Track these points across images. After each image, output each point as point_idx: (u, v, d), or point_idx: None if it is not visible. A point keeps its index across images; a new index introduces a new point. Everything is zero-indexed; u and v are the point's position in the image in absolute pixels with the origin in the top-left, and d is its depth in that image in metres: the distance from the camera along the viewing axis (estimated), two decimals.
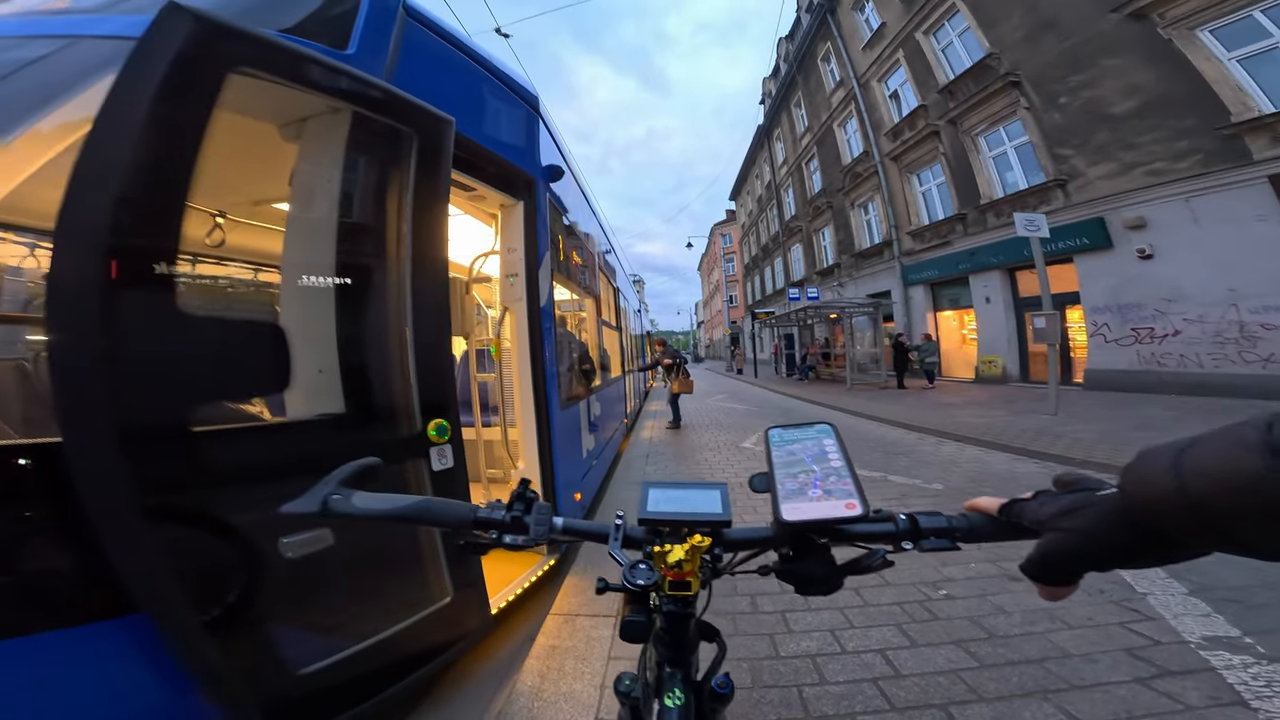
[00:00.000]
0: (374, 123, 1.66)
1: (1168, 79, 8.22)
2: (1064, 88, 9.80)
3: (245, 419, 1.73)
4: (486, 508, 0.65)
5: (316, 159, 1.66)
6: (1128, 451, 4.45)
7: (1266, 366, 7.39)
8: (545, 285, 2.87)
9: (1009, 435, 5.70)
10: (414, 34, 1.97)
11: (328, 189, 1.62)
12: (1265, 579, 2.29)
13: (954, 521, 0.55)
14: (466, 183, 2.44)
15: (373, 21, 1.76)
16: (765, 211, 29.79)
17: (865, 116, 16.05)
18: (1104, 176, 9.33)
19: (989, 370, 12.14)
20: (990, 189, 11.89)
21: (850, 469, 0.58)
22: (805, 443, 0.63)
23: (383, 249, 1.70)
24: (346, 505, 0.62)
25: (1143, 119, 8.62)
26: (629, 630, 0.57)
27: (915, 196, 14.58)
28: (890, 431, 7.00)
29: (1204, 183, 7.98)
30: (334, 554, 1.46)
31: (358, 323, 1.63)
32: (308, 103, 1.57)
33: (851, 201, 17.85)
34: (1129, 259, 9.03)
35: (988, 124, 11.71)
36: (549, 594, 2.61)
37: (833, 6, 17.32)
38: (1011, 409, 7.81)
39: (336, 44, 1.65)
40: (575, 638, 2.17)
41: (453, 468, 1.81)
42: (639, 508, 0.63)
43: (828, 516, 0.53)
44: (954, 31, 12.41)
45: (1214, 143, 7.75)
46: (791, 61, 21.78)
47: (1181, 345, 8.40)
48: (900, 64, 14.27)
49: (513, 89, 2.70)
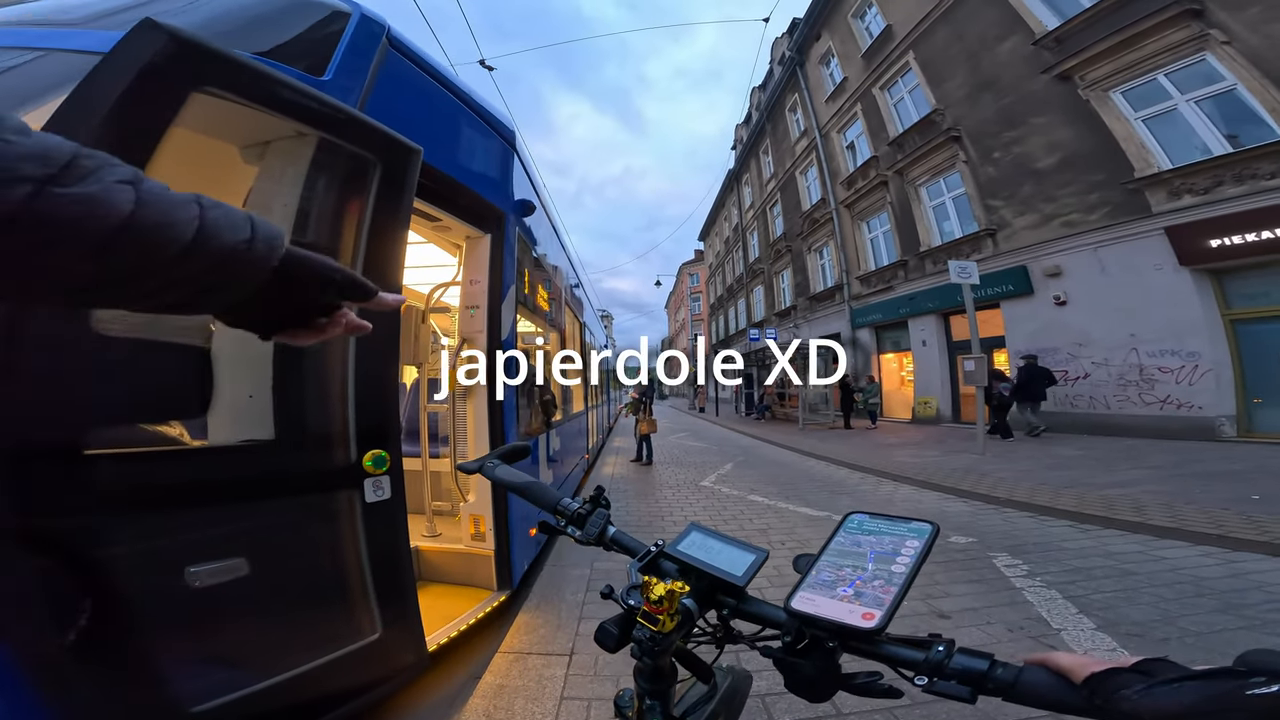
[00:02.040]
0: (338, 149, 1.68)
1: (1084, 136, 9.17)
2: (998, 143, 10.79)
3: (155, 441, 1.68)
4: (568, 500, 0.77)
5: (275, 180, 1.65)
6: (1045, 490, 4.91)
7: (1163, 408, 8.23)
8: (508, 318, 2.89)
9: (940, 475, 6.05)
10: (394, 64, 2.01)
11: (283, 211, 1.62)
12: (1167, 614, 2.50)
13: (1001, 673, 0.44)
14: (432, 213, 2.46)
15: (353, 50, 1.80)
16: (731, 253, 30.99)
17: (824, 165, 17.18)
18: (1027, 227, 10.32)
19: (924, 411, 12.87)
20: (929, 237, 12.93)
21: (908, 582, 0.51)
22: (884, 537, 0.58)
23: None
24: (493, 473, 0.82)
25: (1062, 173, 9.63)
26: (599, 635, 0.61)
27: (865, 243, 15.62)
28: (836, 471, 7.28)
29: (1110, 234, 8.89)
30: (247, 584, 1.41)
31: (297, 348, 1.61)
32: (273, 125, 1.59)
33: (809, 246, 18.90)
34: (1047, 305, 9.94)
35: (930, 175, 12.83)
36: (499, 630, 2.53)
37: (802, 60, 18.67)
38: (943, 448, 8.30)
39: (314, 70, 1.69)
40: (526, 677, 2.10)
41: (389, 499, 1.78)
42: (673, 542, 0.67)
43: (833, 618, 0.49)
44: (905, 88, 13.64)
45: (1120, 196, 8.66)
46: (762, 110, 23.15)
47: (1090, 388, 9.26)
48: (858, 117, 15.46)
49: (490, 123, 2.74)
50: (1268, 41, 7.07)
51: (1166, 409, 8.19)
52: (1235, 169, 7.39)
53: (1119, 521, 3.90)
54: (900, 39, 13.23)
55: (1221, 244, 7.53)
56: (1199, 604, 2.60)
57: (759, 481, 6.54)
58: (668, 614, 0.57)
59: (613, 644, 0.60)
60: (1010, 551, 3.45)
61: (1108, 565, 3.17)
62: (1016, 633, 2.42)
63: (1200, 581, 2.87)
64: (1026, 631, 2.41)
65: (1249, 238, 7.27)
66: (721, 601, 0.61)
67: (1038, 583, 2.93)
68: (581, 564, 3.45)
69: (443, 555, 2.96)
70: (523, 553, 3.09)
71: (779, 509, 5.02)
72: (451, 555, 2.94)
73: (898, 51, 13.40)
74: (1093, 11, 8.91)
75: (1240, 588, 2.76)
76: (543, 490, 0.79)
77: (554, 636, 2.47)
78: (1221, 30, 7.47)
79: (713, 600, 0.62)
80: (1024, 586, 2.89)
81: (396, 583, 1.82)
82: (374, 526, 1.72)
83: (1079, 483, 5.20)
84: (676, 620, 0.58)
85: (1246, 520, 3.62)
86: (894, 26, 13.49)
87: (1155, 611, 2.54)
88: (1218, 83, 7.66)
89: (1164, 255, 8.17)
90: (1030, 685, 0.43)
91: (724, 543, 0.65)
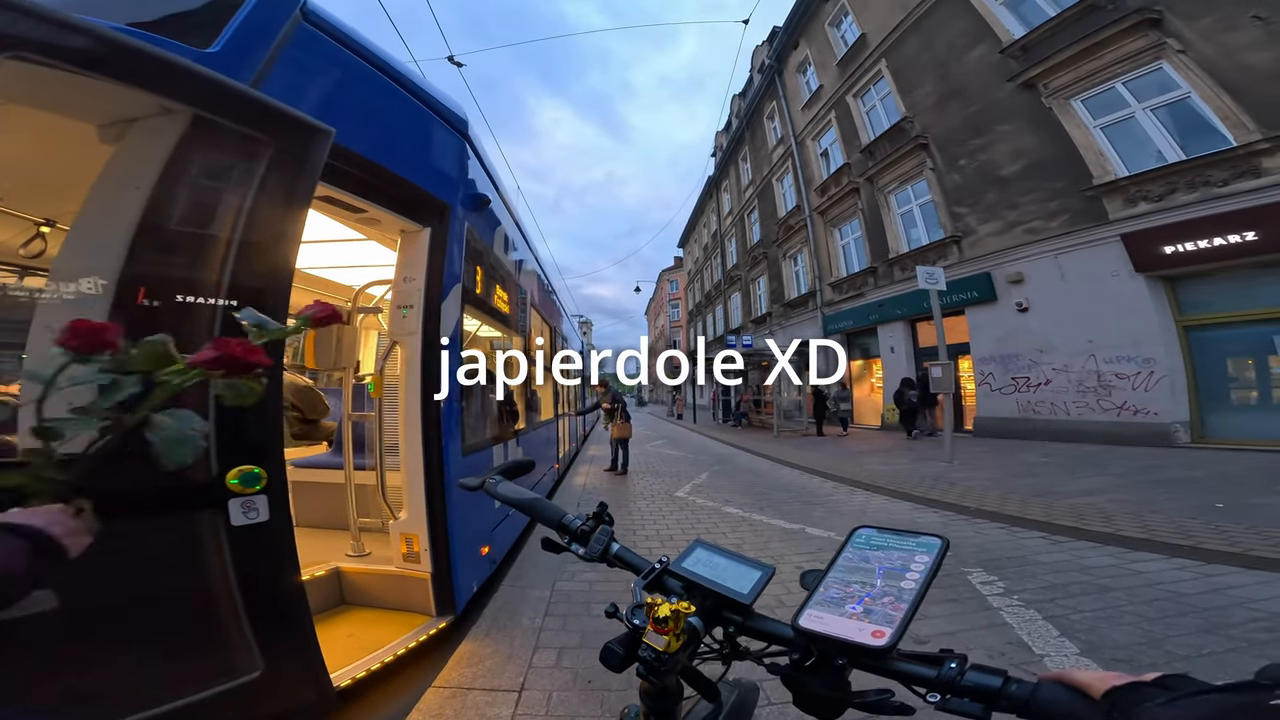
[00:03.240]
0: (217, 127, 1.45)
1: (1046, 144, 9.32)
2: (964, 150, 10.96)
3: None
4: (572, 517, 0.77)
5: (131, 161, 1.41)
6: (1014, 500, 4.84)
7: (1120, 414, 8.42)
8: (450, 319, 2.62)
9: (911, 484, 6.00)
10: (308, 39, 1.88)
11: (135, 195, 1.35)
12: (1151, 636, 2.38)
13: (1015, 689, 0.43)
14: (353, 203, 2.19)
15: (253, 22, 1.67)
16: (710, 260, 31.09)
17: (800, 172, 17.34)
18: (992, 234, 10.51)
19: (893, 418, 12.92)
20: (898, 244, 13.12)
21: (919, 598, 0.51)
22: (892, 552, 0.57)
23: (199, 264, 1.44)
24: (495, 489, 0.85)
25: (1024, 180, 9.82)
26: (604, 655, 0.59)
27: (837, 249, 15.79)
28: (810, 480, 7.17)
29: (1070, 240, 9.05)
30: (62, 618, 1.11)
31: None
32: (136, 101, 1.38)
33: (784, 253, 19.05)
34: (1010, 311, 10.11)
35: (899, 182, 13.02)
36: (435, 661, 2.25)
37: (780, 68, 18.85)
38: (912, 456, 8.31)
39: (201, 42, 1.53)
40: (464, 715, 1.85)
41: (266, 522, 1.53)
42: (677, 559, 0.67)
43: (842, 636, 0.49)
44: (878, 96, 13.86)
45: (1080, 203, 8.81)
46: (742, 118, 23.31)
47: (1051, 394, 9.43)
48: (832, 124, 15.65)
49: (434, 110, 2.56)
50: (1221, 50, 7.29)
51: (1124, 415, 8.37)
52: (1188, 176, 7.62)
53: (1090, 533, 3.85)
54: (874, 47, 13.44)
55: (1175, 250, 7.75)
56: (1182, 624, 2.50)
57: (734, 492, 6.38)
58: (673, 634, 0.56)
59: (618, 664, 0.59)
60: (985, 566, 3.35)
61: (1084, 581, 3.08)
62: (998, 660, 2.25)
63: (1180, 598, 2.79)
64: (1009, 659, 2.25)
65: (1200, 244, 7.50)
66: (728, 619, 0.61)
67: (1015, 601, 2.80)
68: (541, 584, 3.18)
69: (370, 577, 2.67)
70: (470, 573, 2.83)
71: (753, 521, 4.87)
72: (381, 577, 2.65)
73: (871, 59, 13.61)
74: (1057, 20, 9.13)
75: (1222, 604, 2.68)
76: (546, 507, 0.79)
77: (502, 669, 2.20)
78: (1177, 39, 7.69)
79: (719, 617, 0.62)
80: (1001, 606, 2.75)
81: (281, 613, 1.60)
82: (244, 552, 1.48)
83: (1045, 491, 5.19)
84: (682, 640, 0.57)
85: (1215, 530, 3.60)
86: (868, 35, 13.69)
87: (1139, 633, 2.43)
88: (1173, 91, 7.89)
89: (1120, 262, 8.37)
90: (1046, 702, 0.42)
91: (729, 559, 0.66)
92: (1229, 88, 7.21)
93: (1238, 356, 7.82)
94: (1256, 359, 7.60)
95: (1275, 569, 3.02)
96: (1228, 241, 7.27)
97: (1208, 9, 7.41)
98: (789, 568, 3.28)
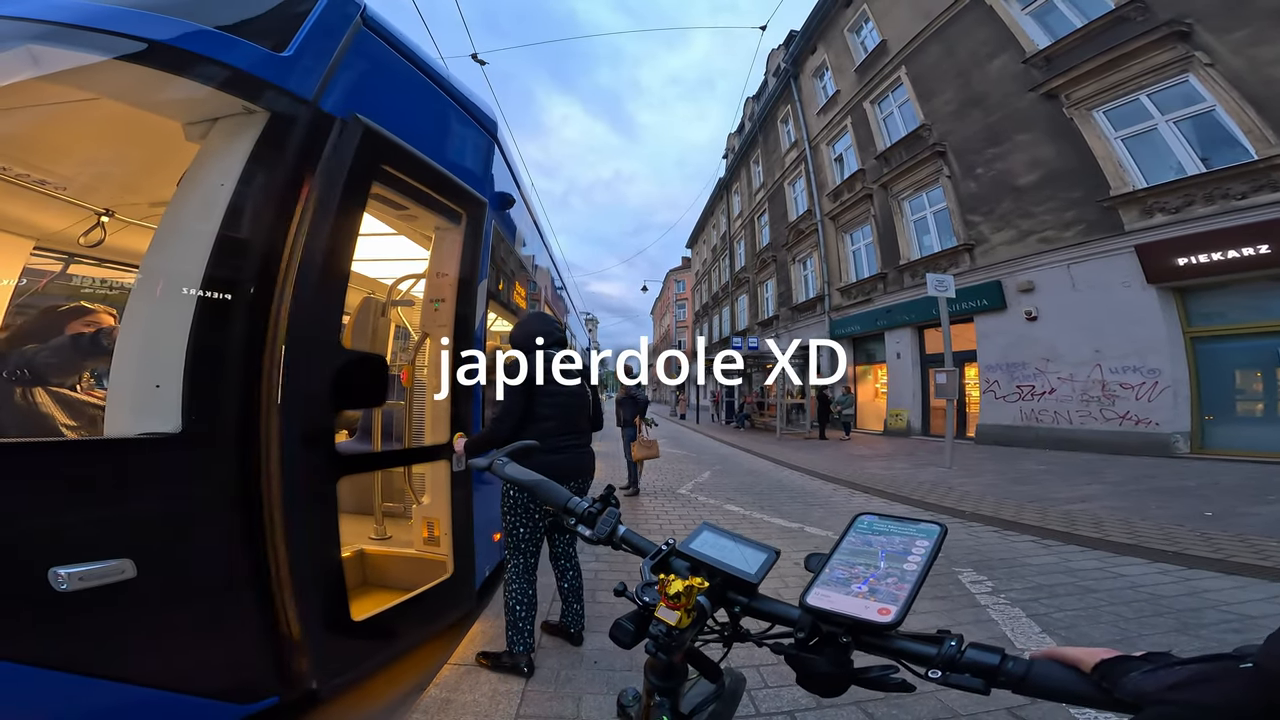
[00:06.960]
0: (290, 127, 1.63)
1: (1065, 154, 9.34)
2: (981, 159, 10.95)
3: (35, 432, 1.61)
4: (579, 500, 0.78)
5: (216, 158, 1.58)
6: (1009, 505, 4.99)
7: (1122, 424, 8.48)
8: (478, 314, 2.77)
9: (909, 488, 6.14)
10: (367, 44, 1.99)
11: (220, 192, 1.53)
12: (1126, 634, 2.52)
13: (1012, 666, 0.46)
14: (399, 201, 2.33)
15: (321, 27, 1.77)
16: (718, 261, 31.00)
17: (812, 177, 17.31)
18: (1004, 242, 10.52)
19: (895, 424, 13.04)
20: (909, 250, 13.14)
21: (921, 579, 0.53)
22: (894, 537, 0.59)
23: (270, 263, 1.61)
24: (503, 470, 0.88)
25: (1041, 190, 9.81)
26: (614, 631, 0.62)
27: (847, 255, 15.80)
28: (810, 482, 7.32)
29: (1083, 250, 9.09)
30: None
31: (219, 337, 1.53)
32: (220, 102, 1.56)
33: (793, 256, 19.05)
34: (1018, 320, 10.14)
35: (913, 189, 13.02)
36: (451, 640, 2.40)
37: (796, 72, 18.79)
38: (912, 461, 8.42)
39: (277, 45, 1.66)
40: (477, 691, 1.98)
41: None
42: (685, 540, 0.68)
43: (850, 614, 0.50)
44: (895, 103, 13.82)
45: (1095, 214, 8.83)
46: (755, 120, 23.22)
47: (1055, 403, 9.48)
48: (847, 130, 15.62)
49: (470, 112, 2.66)
50: (1250, 64, 7.26)
51: (1125, 425, 8.44)
52: (1207, 189, 7.63)
53: (1080, 537, 3.97)
54: (894, 54, 13.40)
55: (1188, 262, 7.78)
56: (1157, 623, 2.63)
57: (735, 491, 6.52)
58: (685, 609, 0.57)
59: (629, 640, 0.61)
60: (975, 567, 3.48)
61: (1069, 582, 3.21)
62: None
63: (1158, 600, 2.92)
64: None
65: (1215, 256, 7.53)
66: (733, 600, 0.62)
67: (1002, 600, 2.94)
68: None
69: (390, 560, 2.82)
70: (485, 558, 2.97)
71: (754, 519, 5.01)
72: (400, 560, 2.80)
73: (890, 66, 13.57)
74: (1084, 31, 9.10)
75: (1196, 606, 2.81)
76: (552, 489, 0.80)
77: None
78: (1206, 52, 7.65)
79: (724, 599, 0.63)
80: (989, 604, 2.89)
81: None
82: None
83: (1041, 497, 5.30)
84: (693, 617, 0.58)
85: (1200, 537, 3.72)
86: (888, 41, 13.65)
87: (1115, 631, 2.56)
88: (1197, 104, 7.87)
89: (1133, 273, 8.40)
90: (1041, 677, 0.45)
91: (735, 541, 0.66)
92: (1255, 101, 7.20)
93: (1243, 368, 7.85)
94: (1264, 370, 7.62)
95: (1253, 574, 3.15)
96: (1241, 254, 7.30)
97: (1241, 22, 7.37)
98: (788, 564, 3.43)
